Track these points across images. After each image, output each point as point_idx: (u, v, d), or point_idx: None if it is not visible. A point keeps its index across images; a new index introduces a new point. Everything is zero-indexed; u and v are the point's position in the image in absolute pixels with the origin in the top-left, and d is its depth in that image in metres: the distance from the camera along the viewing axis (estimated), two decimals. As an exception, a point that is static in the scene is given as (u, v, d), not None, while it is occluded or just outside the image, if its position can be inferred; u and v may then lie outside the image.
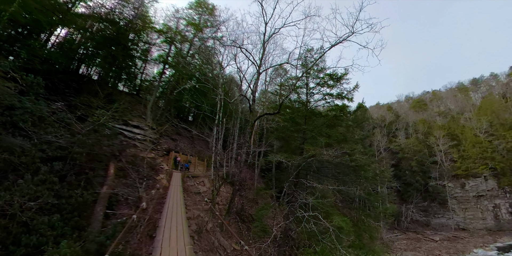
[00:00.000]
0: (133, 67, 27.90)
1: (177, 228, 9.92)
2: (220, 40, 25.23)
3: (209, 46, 26.55)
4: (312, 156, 10.63)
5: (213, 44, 26.63)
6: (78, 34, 21.98)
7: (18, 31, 16.03)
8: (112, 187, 12.38)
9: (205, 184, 19.25)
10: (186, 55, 26.42)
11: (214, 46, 26.25)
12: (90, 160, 13.29)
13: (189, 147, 25.16)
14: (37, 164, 10.91)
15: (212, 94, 21.77)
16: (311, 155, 10.63)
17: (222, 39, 25.60)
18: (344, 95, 13.56)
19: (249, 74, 34.29)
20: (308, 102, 14.63)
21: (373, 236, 12.17)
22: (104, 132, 13.64)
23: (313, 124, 13.19)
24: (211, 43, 26.89)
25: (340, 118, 13.67)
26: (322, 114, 14.27)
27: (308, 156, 10.38)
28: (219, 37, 26.55)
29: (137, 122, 19.86)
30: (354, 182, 12.74)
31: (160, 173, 16.40)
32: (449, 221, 46.38)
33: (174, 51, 25.07)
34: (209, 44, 27.13)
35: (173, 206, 12.16)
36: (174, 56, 25.22)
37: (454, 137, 54.34)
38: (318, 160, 10.88)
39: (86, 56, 22.06)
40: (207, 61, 26.43)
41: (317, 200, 9.34)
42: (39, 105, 14.02)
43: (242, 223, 17.07)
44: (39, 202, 9.26)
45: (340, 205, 27.30)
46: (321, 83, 13.97)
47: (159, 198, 14.01)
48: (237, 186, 13.01)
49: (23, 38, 15.83)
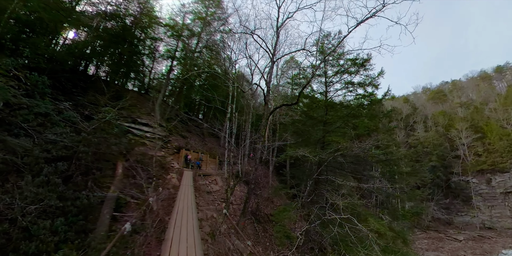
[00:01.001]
0: (141, 65, 27.42)
1: (188, 230, 9.14)
2: (228, 32, 24.24)
3: (217, 39, 25.59)
4: (338, 150, 9.43)
5: (222, 37, 25.65)
6: (84, 32, 21.50)
7: (21, 30, 15.58)
8: (119, 188, 11.68)
9: (217, 182, 18.41)
10: (194, 50, 25.59)
11: (223, 39, 25.26)
12: (97, 160, 12.68)
13: (200, 145, 24.43)
14: (41, 165, 10.33)
15: (223, 86, 20.86)
16: (337, 149, 9.41)
17: (231, 31, 24.60)
18: (369, 82, 12.20)
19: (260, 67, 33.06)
20: (327, 92, 13.38)
21: (406, 239, 10.90)
22: (111, 130, 12.96)
23: (336, 115, 11.96)
24: (220, 37, 25.92)
25: (368, 107, 12.33)
26: (343, 104, 12.96)
27: (336, 150, 9.21)
28: (228, 30, 25.53)
29: (146, 120, 19.23)
30: (387, 179, 11.44)
31: (170, 172, 15.66)
32: (473, 220, 43.51)
33: (182, 46, 24.26)
34: (218, 37, 26.18)
35: (184, 207, 11.36)
36: (182, 50, 24.42)
37: (478, 130, 51.03)
38: (342, 155, 9.71)
39: (93, 54, 21.60)
40: (216, 56, 25.53)
41: (349, 201, 8.18)
42: (44, 104, 13.57)
43: (258, 223, 16.11)
44: (41, 205, 8.62)
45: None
46: (341, 71, 12.67)
47: (169, 198, 13.22)
48: (252, 185, 12.02)
49: (26, 37, 15.36)
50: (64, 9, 18.65)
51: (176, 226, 9.22)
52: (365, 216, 8.09)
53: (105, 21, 22.55)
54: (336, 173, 12.53)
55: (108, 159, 12.97)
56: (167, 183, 13.87)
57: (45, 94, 14.72)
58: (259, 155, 11.38)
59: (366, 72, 12.39)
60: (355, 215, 7.35)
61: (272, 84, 25.35)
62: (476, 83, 71.59)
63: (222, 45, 24.36)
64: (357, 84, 13.14)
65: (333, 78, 13.44)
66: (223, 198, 16.34)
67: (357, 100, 13.02)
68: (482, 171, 46.65)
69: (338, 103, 13.08)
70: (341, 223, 7.01)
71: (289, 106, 10.94)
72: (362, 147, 8.90)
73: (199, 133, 27.63)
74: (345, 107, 12.71)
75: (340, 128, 11.84)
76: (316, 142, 12.64)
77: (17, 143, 10.18)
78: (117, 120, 13.45)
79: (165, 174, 14.76)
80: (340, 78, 13.14)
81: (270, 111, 11.99)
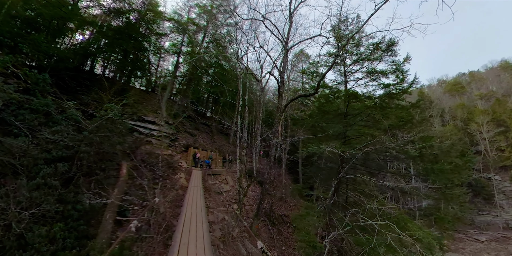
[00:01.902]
0: (147, 63, 26.74)
1: (197, 234, 8.24)
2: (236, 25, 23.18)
3: (224, 32, 24.57)
4: (371, 144, 8.21)
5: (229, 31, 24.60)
6: (88, 29, 20.93)
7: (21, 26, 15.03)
8: (124, 190, 10.90)
9: (228, 182, 17.49)
10: (201, 44, 24.68)
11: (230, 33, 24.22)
12: (100, 160, 11.98)
13: (209, 142, 23.60)
14: (40, 166, 9.66)
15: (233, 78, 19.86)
16: (371, 143, 8.19)
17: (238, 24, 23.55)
18: (396, 69, 10.86)
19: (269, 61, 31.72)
20: (346, 82, 12.15)
21: (442, 245, 9.60)
22: (114, 128, 12.19)
23: (358, 107, 10.76)
24: (227, 30, 24.89)
25: (396, 96, 11.01)
26: (365, 95, 11.66)
27: (368, 144, 8.04)
28: (235, 22, 24.47)
29: (153, 118, 18.50)
30: (421, 177, 10.14)
31: (178, 171, 14.84)
32: (496, 219, 40.76)
33: (188, 39, 23.35)
34: (224, 30, 25.15)
35: (192, 208, 10.47)
36: (188, 44, 23.53)
37: (501, 123, 48.04)
38: (376, 150, 8.52)
39: (98, 52, 21.02)
40: (223, 49, 24.56)
41: (386, 204, 7.06)
42: (45, 102, 12.97)
43: (272, 225, 15.11)
44: (38, 209, 7.90)
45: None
46: (362, 58, 11.41)
47: (177, 200, 12.37)
48: (266, 185, 11.02)
49: (26, 33, 14.78)
50: (66, 6, 18.06)
51: (184, 230, 8.35)
52: (403, 221, 6.92)
53: (109, 17, 21.96)
54: (357, 171, 11.33)
55: (112, 159, 12.24)
56: (175, 183, 13.04)
57: (46, 93, 14.10)
58: (274, 153, 10.35)
59: (390, 57, 11.09)
60: (393, 221, 6.22)
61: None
62: (496, 74, 67.66)
63: (230, 38, 23.31)
64: (380, 73, 11.83)
65: (353, 66, 12.19)
66: (234, 199, 15.42)
67: (382, 89, 11.73)
68: (505, 168, 43.91)
69: (360, 94, 11.81)
70: (376, 230, 5.93)
71: (307, 96, 9.80)
72: (400, 140, 7.64)
73: (207, 131, 26.83)
74: (368, 98, 11.44)
75: (363, 120, 10.63)
76: (337, 137, 11.44)
77: (13, 144, 9.52)
78: (121, 117, 12.65)
79: (172, 174, 13.96)
80: (361, 65, 11.86)
81: (285, 103, 10.92)
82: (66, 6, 17.98)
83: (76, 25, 18.60)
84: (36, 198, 7.78)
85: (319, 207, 9.06)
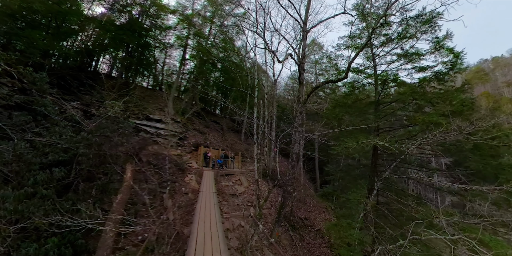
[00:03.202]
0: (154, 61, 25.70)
1: (213, 245, 7.00)
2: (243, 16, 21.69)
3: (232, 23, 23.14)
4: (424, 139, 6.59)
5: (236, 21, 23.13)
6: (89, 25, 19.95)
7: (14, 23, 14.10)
8: (128, 196, 9.74)
9: (242, 182, 16.14)
10: (208, 36, 23.35)
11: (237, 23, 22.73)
12: (102, 163, 10.91)
13: (220, 140, 22.33)
14: (33, 172, 8.61)
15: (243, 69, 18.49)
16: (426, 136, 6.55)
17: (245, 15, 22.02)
18: (439, 46, 9.04)
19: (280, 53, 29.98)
20: (376, 67, 10.47)
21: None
22: (116, 127, 11.03)
23: (394, 94, 9.12)
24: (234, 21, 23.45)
25: (445, 78, 9.17)
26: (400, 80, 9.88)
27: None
28: (241, 13, 22.96)
29: (159, 116, 17.36)
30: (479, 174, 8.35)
31: (188, 173, 13.61)
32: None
33: (194, 32, 22.03)
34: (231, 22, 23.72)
35: (205, 215, 9.17)
36: (195, 36, 22.22)
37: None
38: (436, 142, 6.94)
39: (100, 49, 20.07)
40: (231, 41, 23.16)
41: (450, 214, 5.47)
42: (43, 103, 12.00)
43: (293, 230, 13.64)
44: (26, 223, 6.79)
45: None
46: (396, 37, 9.65)
47: (187, 205, 11.10)
48: (289, 187, 9.59)
49: (20, 29, 13.83)
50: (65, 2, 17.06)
51: (198, 242, 7.10)
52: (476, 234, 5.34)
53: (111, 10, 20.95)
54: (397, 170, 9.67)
55: (115, 162, 11.09)
56: (185, 187, 11.80)
57: (45, 92, 13.09)
58: (296, 150, 8.87)
59: (430, 35, 9.26)
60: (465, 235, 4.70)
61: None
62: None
63: (238, 29, 21.85)
64: (415, 54, 10.02)
65: (383, 48, 10.45)
66: (250, 201, 14.04)
67: (419, 73, 9.93)
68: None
69: (394, 79, 10.00)
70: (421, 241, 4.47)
71: (335, 82, 8.27)
72: (471, 128, 6.01)
73: (218, 129, 25.59)
74: (402, 84, 9.66)
75: (402, 109, 8.95)
76: (367, 129, 9.80)
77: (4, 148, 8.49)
78: (123, 116, 11.48)
79: (182, 176, 12.74)
80: (396, 44, 10.06)
81: (310, 91, 9.40)
82: (64, 2, 16.99)
83: (75, 22, 17.60)
84: (23, 211, 6.64)
85: (360, 215, 7.53)
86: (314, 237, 14.63)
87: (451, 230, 6.16)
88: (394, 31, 10.22)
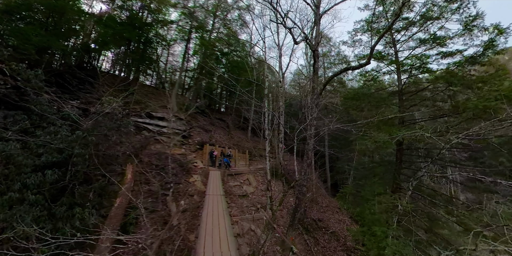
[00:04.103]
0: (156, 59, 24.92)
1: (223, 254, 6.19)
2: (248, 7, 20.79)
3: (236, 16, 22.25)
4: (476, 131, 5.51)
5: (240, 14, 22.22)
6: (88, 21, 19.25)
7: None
8: (128, 199, 8.95)
9: (251, 182, 15.25)
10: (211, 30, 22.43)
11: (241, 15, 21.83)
12: (100, 164, 10.15)
13: (226, 138, 21.46)
14: (24, 175, 7.88)
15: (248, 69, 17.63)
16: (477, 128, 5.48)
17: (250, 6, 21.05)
18: (470, 25, 7.91)
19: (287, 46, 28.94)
20: (397, 53, 9.37)
21: None
22: (114, 125, 10.24)
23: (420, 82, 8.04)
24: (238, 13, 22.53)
25: (481, 62, 8.03)
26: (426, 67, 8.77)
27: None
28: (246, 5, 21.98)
29: (162, 113, 16.58)
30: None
31: (193, 173, 12.78)
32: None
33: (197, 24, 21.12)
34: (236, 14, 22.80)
35: (213, 219, 8.31)
36: (197, 29, 21.35)
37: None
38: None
39: (100, 44, 19.35)
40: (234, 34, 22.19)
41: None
42: (39, 101, 11.29)
43: (307, 233, 12.71)
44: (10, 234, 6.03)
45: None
46: (422, 18, 8.52)
47: (193, 208, 10.27)
48: (304, 188, 8.64)
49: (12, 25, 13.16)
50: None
51: (206, 250, 6.14)
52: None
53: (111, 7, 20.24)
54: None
55: (114, 163, 10.32)
56: (190, 188, 10.97)
57: (40, 91, 12.36)
58: (311, 146, 7.89)
59: (459, 15, 8.10)
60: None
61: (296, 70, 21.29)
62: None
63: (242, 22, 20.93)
64: (441, 38, 8.88)
65: (407, 31, 9.30)
66: (259, 202, 13.14)
67: (445, 58, 8.80)
68: None
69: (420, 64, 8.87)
70: None
71: (356, 69, 7.27)
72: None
73: (223, 126, 24.72)
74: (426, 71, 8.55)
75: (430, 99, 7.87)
76: (386, 123, 8.75)
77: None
78: (122, 113, 10.68)
79: (186, 177, 11.90)
80: (422, 26, 8.93)
81: (327, 80, 8.42)
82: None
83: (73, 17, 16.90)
84: (5, 220, 5.88)
85: (394, 221, 6.51)
86: (329, 240, 13.68)
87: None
88: (417, 13, 9.09)
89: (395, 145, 8.94)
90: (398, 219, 6.85)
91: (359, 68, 7.43)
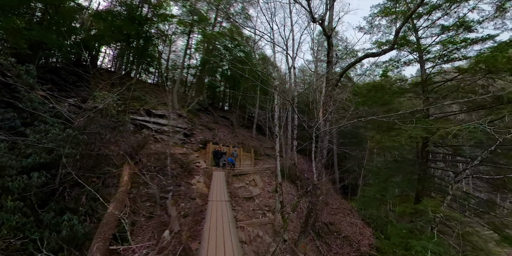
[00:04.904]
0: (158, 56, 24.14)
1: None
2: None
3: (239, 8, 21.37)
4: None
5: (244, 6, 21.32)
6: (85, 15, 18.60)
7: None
8: (124, 203, 8.17)
9: (257, 183, 14.38)
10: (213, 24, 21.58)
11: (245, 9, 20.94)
12: (94, 165, 9.40)
13: (230, 137, 20.62)
14: (7, 179, 7.13)
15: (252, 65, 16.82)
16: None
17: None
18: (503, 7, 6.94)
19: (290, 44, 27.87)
20: (419, 39, 8.39)
21: None
22: (108, 122, 9.45)
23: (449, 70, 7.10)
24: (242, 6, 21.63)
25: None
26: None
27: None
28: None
29: (163, 111, 15.81)
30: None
31: (195, 174, 11.96)
32: None
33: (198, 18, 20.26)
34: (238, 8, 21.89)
35: (217, 224, 7.46)
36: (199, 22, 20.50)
37: None
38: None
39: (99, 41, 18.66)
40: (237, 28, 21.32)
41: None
42: (30, 98, 10.55)
43: (318, 239, 11.82)
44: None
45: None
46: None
47: (195, 213, 9.43)
48: (318, 191, 7.77)
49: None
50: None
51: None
52: None
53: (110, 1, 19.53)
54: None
55: (110, 163, 9.54)
56: (191, 191, 10.15)
57: (32, 87, 11.60)
58: (326, 145, 7.02)
59: None
60: None
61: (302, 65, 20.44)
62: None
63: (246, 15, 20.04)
64: (469, 22, 7.86)
65: (430, 15, 8.28)
66: (267, 205, 12.28)
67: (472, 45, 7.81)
68: None
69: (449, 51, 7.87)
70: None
71: (378, 55, 6.33)
72: None
73: (227, 124, 23.88)
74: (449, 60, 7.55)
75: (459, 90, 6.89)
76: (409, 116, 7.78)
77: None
78: (116, 109, 9.87)
79: (188, 178, 11.08)
80: (449, 9, 7.90)
81: (346, 67, 7.56)
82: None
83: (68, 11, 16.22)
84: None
85: (434, 229, 5.63)
86: (341, 245, 12.77)
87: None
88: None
89: (421, 142, 8.01)
90: (433, 228, 5.91)
91: (382, 54, 6.51)
